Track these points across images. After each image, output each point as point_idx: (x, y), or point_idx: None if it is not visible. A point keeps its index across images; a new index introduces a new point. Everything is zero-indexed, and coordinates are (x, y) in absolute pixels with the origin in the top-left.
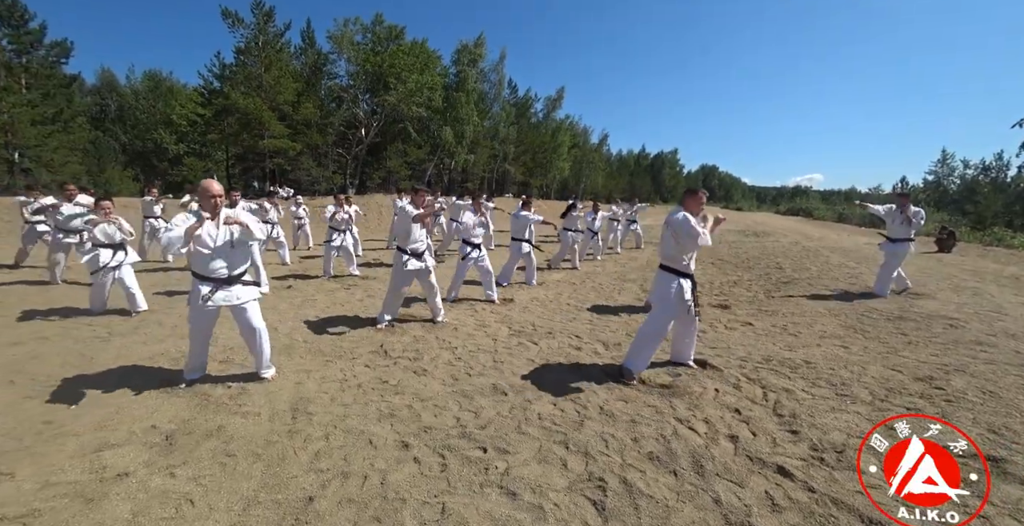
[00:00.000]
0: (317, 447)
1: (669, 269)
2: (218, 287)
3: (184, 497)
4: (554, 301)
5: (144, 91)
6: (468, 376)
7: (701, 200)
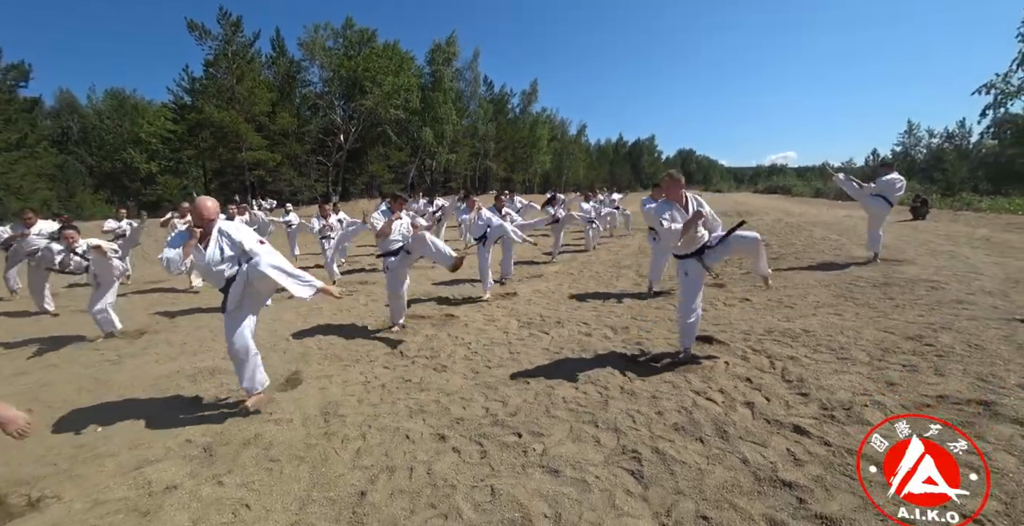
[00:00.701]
0: (356, 446)
1: (677, 255)
2: None
3: (238, 502)
4: (556, 292)
5: (108, 110)
6: (488, 369)
7: (680, 184)
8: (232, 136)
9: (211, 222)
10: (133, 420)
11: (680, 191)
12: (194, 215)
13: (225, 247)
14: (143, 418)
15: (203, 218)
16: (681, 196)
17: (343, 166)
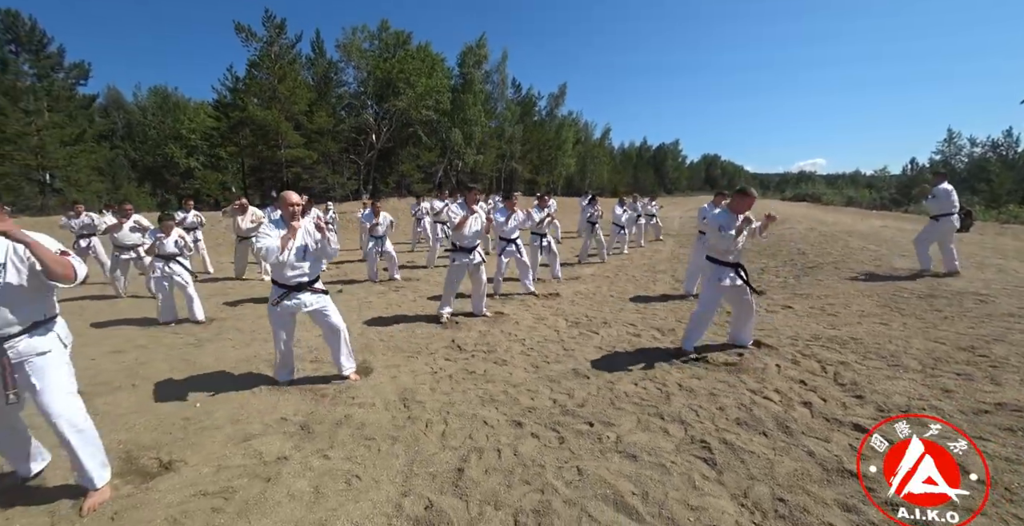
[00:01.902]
0: (440, 429)
1: (711, 259)
2: (293, 293)
3: (348, 473)
4: (596, 294)
5: (152, 107)
6: (547, 364)
7: (750, 203)
8: (273, 134)
9: (295, 207)
10: (227, 398)
11: (748, 208)
12: (283, 206)
13: (307, 239)
14: (236, 397)
15: (290, 207)
16: (744, 212)
17: (374, 165)
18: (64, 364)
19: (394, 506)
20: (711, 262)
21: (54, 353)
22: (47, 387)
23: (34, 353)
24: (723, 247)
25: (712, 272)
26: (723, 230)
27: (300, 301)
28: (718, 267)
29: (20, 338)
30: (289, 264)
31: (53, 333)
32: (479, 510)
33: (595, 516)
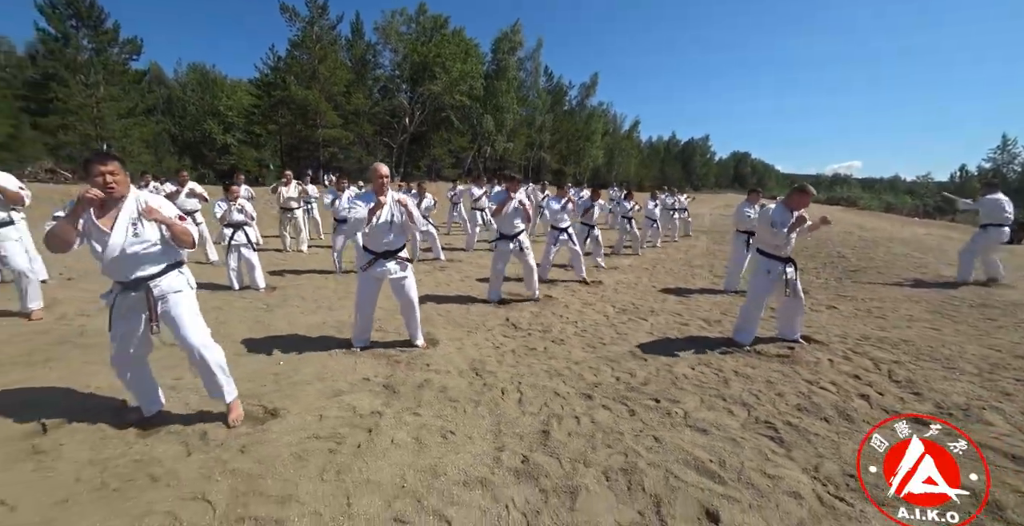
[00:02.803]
0: (516, 397)
1: (761, 252)
2: (381, 260)
3: (442, 429)
4: (638, 284)
5: (192, 83)
6: (603, 345)
7: (807, 201)
8: (312, 113)
9: (384, 179)
10: (308, 358)
11: (805, 205)
12: (373, 178)
13: (395, 210)
14: (315, 357)
15: (380, 177)
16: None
17: (406, 148)
18: (194, 302)
19: (492, 459)
20: (762, 255)
21: (186, 292)
22: (185, 319)
23: (172, 291)
24: (775, 242)
25: (761, 265)
26: (775, 226)
27: (386, 268)
28: (769, 260)
29: (161, 277)
30: (379, 233)
31: (184, 276)
32: (571, 467)
33: (680, 477)
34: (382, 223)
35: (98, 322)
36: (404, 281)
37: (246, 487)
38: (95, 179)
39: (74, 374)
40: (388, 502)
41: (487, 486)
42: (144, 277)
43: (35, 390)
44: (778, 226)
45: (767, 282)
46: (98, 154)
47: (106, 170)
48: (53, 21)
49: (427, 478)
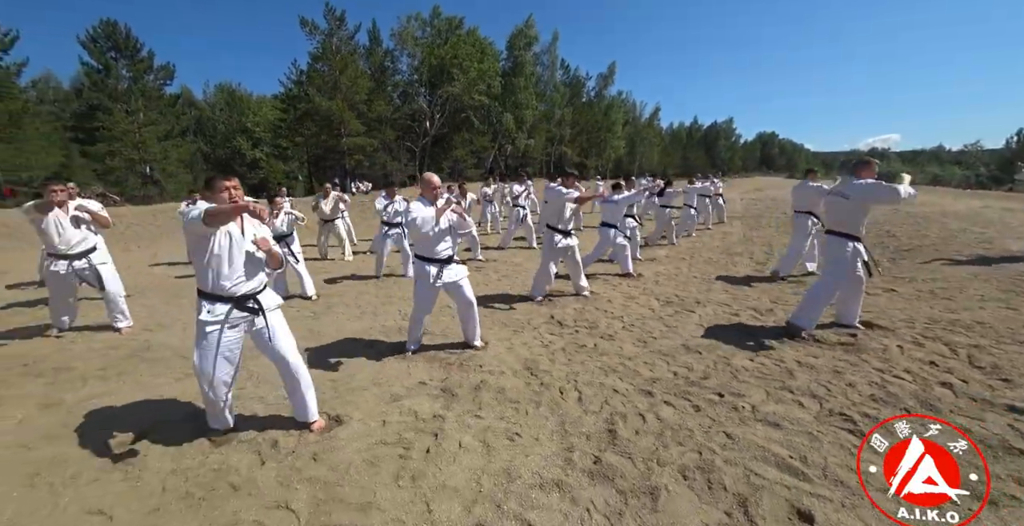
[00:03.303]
0: (575, 396)
1: (840, 234)
2: (443, 267)
3: (507, 431)
4: (678, 274)
5: (220, 103)
6: (653, 339)
7: (872, 172)
8: (336, 123)
9: (439, 189)
10: (361, 364)
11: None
12: (425, 188)
13: (451, 218)
14: (368, 363)
15: (434, 189)
16: None
17: (428, 151)
18: (284, 318)
19: (563, 460)
20: (837, 236)
21: (279, 310)
22: (282, 336)
23: (274, 306)
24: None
25: (840, 246)
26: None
27: (444, 273)
28: (846, 240)
29: (264, 293)
30: (437, 239)
31: (275, 294)
32: (645, 466)
33: (761, 474)
34: (438, 230)
35: (160, 337)
36: (461, 283)
37: (325, 495)
38: (221, 194)
39: (145, 387)
40: (467, 508)
41: (564, 489)
42: (251, 293)
43: (111, 403)
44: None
45: (847, 264)
46: (222, 171)
47: (231, 185)
48: (95, 54)
49: (502, 482)
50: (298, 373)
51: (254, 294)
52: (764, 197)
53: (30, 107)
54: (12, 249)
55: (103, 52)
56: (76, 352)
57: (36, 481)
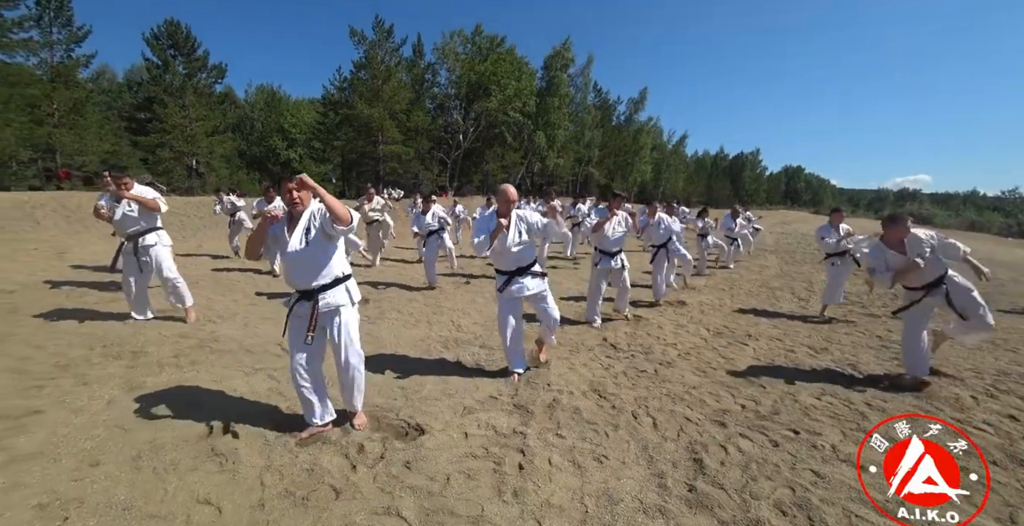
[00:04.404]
0: (649, 421)
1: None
2: (512, 278)
3: (592, 453)
4: (723, 306)
5: (260, 103)
6: (713, 369)
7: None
8: (375, 130)
9: (512, 203)
10: (427, 372)
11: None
12: (500, 200)
13: (523, 230)
14: (433, 371)
15: (509, 202)
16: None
17: (460, 163)
18: (356, 317)
19: (657, 485)
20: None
21: (348, 307)
22: (347, 336)
23: (336, 304)
24: (884, 287)
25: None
26: (875, 274)
27: (523, 285)
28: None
29: (328, 290)
30: (506, 252)
31: (348, 293)
32: (740, 499)
33: (864, 518)
34: (510, 243)
35: (224, 328)
36: (543, 294)
37: (431, 504)
38: (284, 195)
39: (218, 378)
40: None
41: (667, 515)
42: (314, 288)
43: (190, 391)
44: (880, 271)
45: (924, 310)
46: (289, 173)
47: (291, 186)
48: (156, 50)
49: (606, 504)
50: (352, 372)
51: (317, 289)
52: (793, 231)
53: (92, 97)
54: (74, 232)
55: (164, 49)
56: (149, 337)
57: (140, 464)
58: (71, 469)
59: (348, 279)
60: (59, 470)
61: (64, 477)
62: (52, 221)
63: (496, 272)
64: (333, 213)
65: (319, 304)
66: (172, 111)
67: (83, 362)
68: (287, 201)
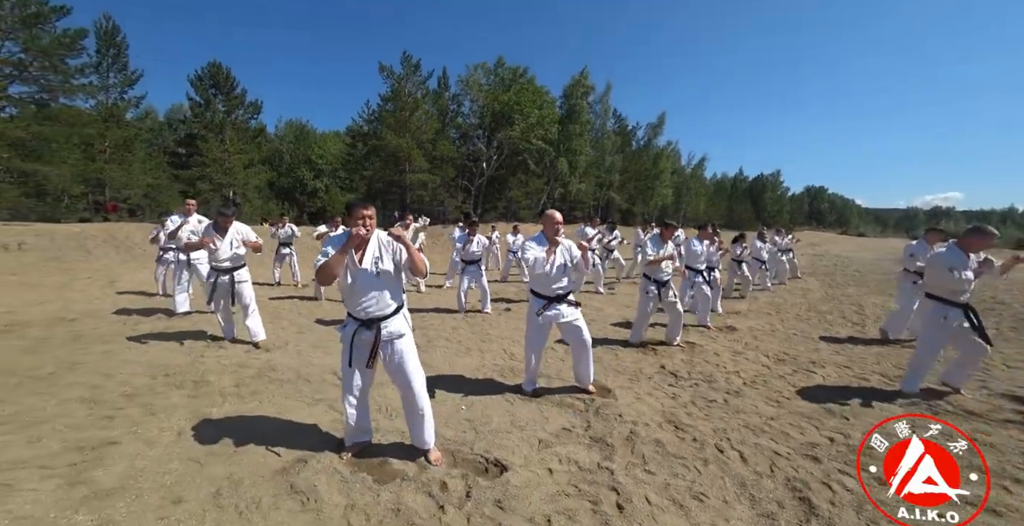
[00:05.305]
0: (735, 455)
1: (933, 297)
2: (552, 304)
3: (689, 490)
4: (775, 331)
5: (290, 136)
6: (786, 399)
7: (988, 243)
8: (403, 159)
9: (559, 226)
10: (489, 403)
11: (985, 246)
12: (548, 224)
13: (567, 255)
14: (496, 403)
15: (556, 225)
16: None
17: (483, 190)
18: (414, 345)
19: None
20: (933, 300)
21: (408, 335)
22: (409, 364)
23: (398, 334)
24: (955, 288)
25: (934, 310)
26: (955, 271)
27: (559, 312)
28: (943, 306)
29: (390, 319)
30: (551, 277)
31: (406, 320)
32: None
33: None
34: (556, 267)
35: (279, 357)
36: (577, 323)
37: None
38: (357, 221)
39: (281, 409)
40: None
41: None
42: (377, 317)
43: (255, 422)
44: (957, 270)
45: (942, 331)
46: (361, 199)
47: (367, 213)
48: (199, 90)
49: None
50: (419, 401)
51: (379, 318)
52: (825, 253)
53: (140, 134)
54: (122, 262)
55: (206, 88)
56: (208, 366)
57: (222, 502)
58: (155, 506)
59: (404, 307)
60: (143, 507)
61: (150, 515)
62: (103, 251)
63: (533, 295)
64: (414, 266)
65: (381, 333)
66: (212, 145)
67: (148, 391)
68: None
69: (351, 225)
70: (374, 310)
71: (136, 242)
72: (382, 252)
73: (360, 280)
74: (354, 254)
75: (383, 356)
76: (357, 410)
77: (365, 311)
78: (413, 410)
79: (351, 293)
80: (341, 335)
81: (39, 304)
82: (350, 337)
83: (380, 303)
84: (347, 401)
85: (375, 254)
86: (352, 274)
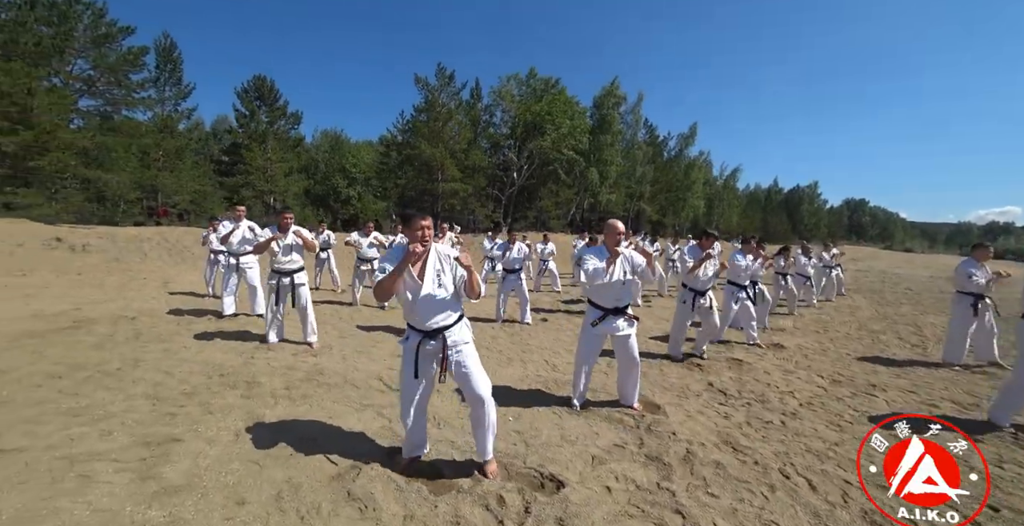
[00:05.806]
0: (801, 481)
1: None
2: (607, 315)
3: (757, 517)
4: (826, 350)
5: (325, 146)
6: (848, 424)
7: None
8: (436, 168)
9: (621, 236)
10: (536, 415)
11: None
12: (609, 234)
13: (627, 266)
14: (544, 416)
15: (617, 235)
16: None
17: (514, 200)
18: (477, 353)
19: None
20: None
21: (471, 343)
22: (474, 372)
23: (462, 342)
24: None
25: None
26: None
27: (615, 325)
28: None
29: (453, 328)
30: (611, 289)
31: (468, 328)
32: None
33: None
34: (616, 280)
35: (326, 361)
36: (629, 339)
37: None
38: (416, 232)
39: (331, 414)
40: None
41: None
42: (442, 326)
43: (308, 426)
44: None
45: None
46: (420, 210)
47: (425, 224)
48: (245, 101)
49: None
50: (488, 410)
51: (443, 328)
52: (870, 269)
53: (190, 144)
54: (174, 264)
55: (251, 100)
56: (259, 368)
57: (283, 506)
58: (220, 506)
59: (464, 316)
60: (210, 506)
61: (216, 514)
62: (156, 253)
63: (590, 305)
64: (471, 289)
65: (448, 342)
66: (255, 154)
67: (205, 390)
68: (418, 239)
69: (409, 237)
70: (439, 321)
71: (186, 245)
72: (443, 267)
73: (425, 296)
74: (412, 269)
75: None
76: (415, 423)
77: (429, 323)
78: (481, 415)
79: (412, 307)
80: (403, 347)
81: (103, 302)
82: (414, 349)
83: (443, 314)
84: (406, 415)
85: (436, 268)
86: (412, 290)
